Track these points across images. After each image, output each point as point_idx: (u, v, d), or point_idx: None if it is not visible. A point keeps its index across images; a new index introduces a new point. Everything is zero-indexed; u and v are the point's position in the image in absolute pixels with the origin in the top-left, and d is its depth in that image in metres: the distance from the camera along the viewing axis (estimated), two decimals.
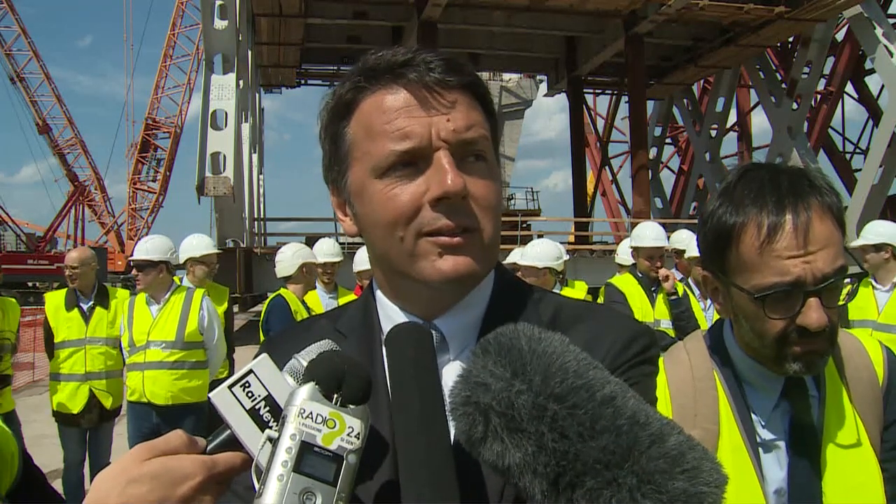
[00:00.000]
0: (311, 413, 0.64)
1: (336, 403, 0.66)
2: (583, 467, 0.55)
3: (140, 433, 4.27)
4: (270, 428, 0.66)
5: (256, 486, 0.63)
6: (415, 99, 0.76)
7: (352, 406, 0.66)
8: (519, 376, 0.58)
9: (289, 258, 4.73)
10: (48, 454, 5.09)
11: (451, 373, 0.76)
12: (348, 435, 0.64)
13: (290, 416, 0.64)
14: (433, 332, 0.79)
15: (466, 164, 0.76)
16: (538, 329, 0.62)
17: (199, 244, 5.13)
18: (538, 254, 4.86)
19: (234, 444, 0.69)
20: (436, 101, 0.76)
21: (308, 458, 0.62)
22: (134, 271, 4.46)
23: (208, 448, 0.69)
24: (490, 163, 0.79)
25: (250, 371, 0.70)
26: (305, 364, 0.71)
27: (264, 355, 0.72)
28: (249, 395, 0.69)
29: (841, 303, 1.05)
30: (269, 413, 0.69)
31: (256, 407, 0.69)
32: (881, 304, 4.43)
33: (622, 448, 0.55)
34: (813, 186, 1.03)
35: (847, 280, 1.04)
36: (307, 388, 0.65)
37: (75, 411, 4.67)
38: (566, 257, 5.01)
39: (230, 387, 0.69)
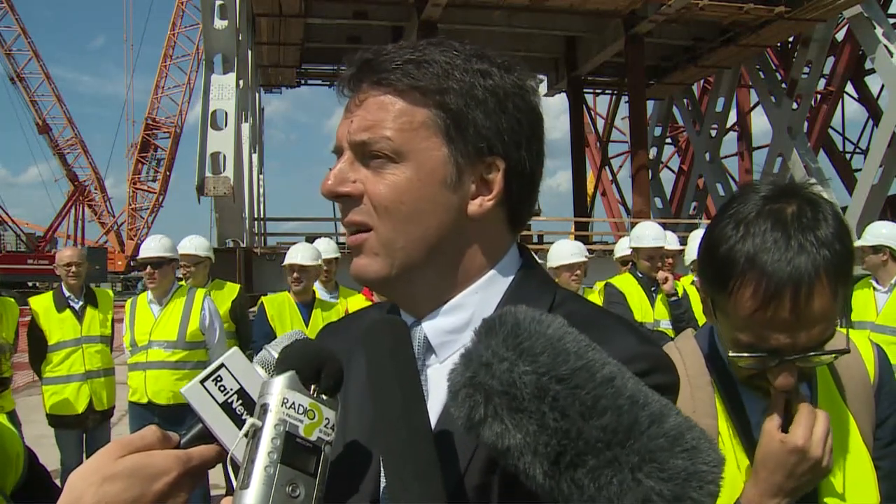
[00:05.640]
0: (293, 403, 0.63)
1: (313, 394, 0.65)
2: (584, 446, 0.56)
3: None
4: (251, 417, 0.65)
5: (233, 478, 0.62)
6: (349, 103, 0.79)
7: (325, 396, 0.66)
8: (523, 357, 0.58)
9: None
10: (48, 455, 5.08)
11: (438, 376, 0.76)
12: (325, 426, 0.64)
13: (273, 405, 0.62)
14: (420, 331, 0.78)
15: (372, 163, 0.76)
16: (538, 311, 0.62)
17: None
18: (551, 254, 4.95)
19: (207, 437, 0.69)
20: (352, 103, 0.78)
21: (293, 449, 0.61)
22: (149, 269, 4.45)
23: (182, 442, 0.69)
24: (402, 162, 0.75)
25: (222, 365, 0.70)
26: (276, 355, 0.70)
27: (235, 349, 0.72)
28: (222, 388, 0.69)
29: (828, 359, 1.04)
30: (242, 406, 0.68)
31: (229, 400, 0.69)
32: (880, 305, 4.44)
33: (624, 427, 0.56)
34: (830, 253, 0.95)
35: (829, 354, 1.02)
36: (287, 377, 0.64)
37: (79, 411, 4.65)
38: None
39: (202, 381, 0.69)
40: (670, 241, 5.04)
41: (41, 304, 4.76)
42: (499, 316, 0.62)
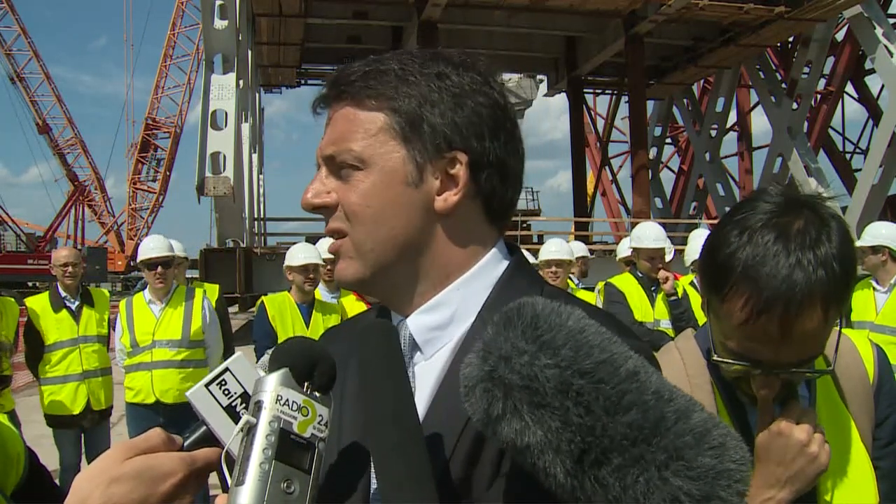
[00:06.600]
0: (287, 400, 0.64)
1: (307, 391, 0.66)
2: (610, 443, 0.54)
3: None
4: (246, 414, 0.65)
5: (227, 476, 0.62)
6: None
7: (317, 394, 0.66)
8: (544, 349, 0.56)
9: None
10: (48, 455, 5.08)
11: (424, 372, 0.77)
12: (318, 423, 0.65)
13: (266, 401, 0.63)
14: (406, 328, 0.80)
15: (342, 173, 0.80)
16: (556, 303, 0.60)
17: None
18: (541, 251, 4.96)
19: (210, 440, 0.70)
20: (326, 121, 0.83)
21: (287, 445, 0.62)
22: (160, 269, 4.46)
23: (185, 444, 0.70)
24: (366, 168, 0.78)
25: (226, 369, 0.71)
26: None
27: (239, 353, 0.74)
28: (226, 392, 0.70)
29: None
30: (246, 409, 0.68)
31: (233, 404, 0.70)
32: (880, 305, 4.44)
33: (650, 423, 0.54)
34: (826, 273, 0.93)
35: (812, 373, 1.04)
36: (281, 374, 0.65)
37: (76, 412, 4.64)
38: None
39: (207, 385, 0.70)
40: (667, 250, 5.01)
41: (38, 304, 4.74)
42: (517, 307, 0.60)
